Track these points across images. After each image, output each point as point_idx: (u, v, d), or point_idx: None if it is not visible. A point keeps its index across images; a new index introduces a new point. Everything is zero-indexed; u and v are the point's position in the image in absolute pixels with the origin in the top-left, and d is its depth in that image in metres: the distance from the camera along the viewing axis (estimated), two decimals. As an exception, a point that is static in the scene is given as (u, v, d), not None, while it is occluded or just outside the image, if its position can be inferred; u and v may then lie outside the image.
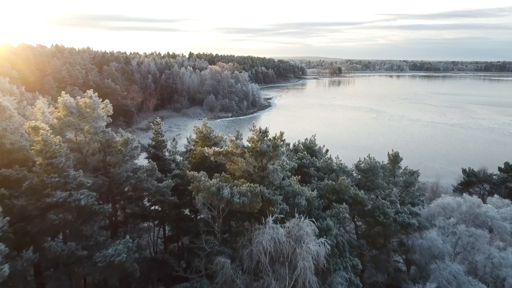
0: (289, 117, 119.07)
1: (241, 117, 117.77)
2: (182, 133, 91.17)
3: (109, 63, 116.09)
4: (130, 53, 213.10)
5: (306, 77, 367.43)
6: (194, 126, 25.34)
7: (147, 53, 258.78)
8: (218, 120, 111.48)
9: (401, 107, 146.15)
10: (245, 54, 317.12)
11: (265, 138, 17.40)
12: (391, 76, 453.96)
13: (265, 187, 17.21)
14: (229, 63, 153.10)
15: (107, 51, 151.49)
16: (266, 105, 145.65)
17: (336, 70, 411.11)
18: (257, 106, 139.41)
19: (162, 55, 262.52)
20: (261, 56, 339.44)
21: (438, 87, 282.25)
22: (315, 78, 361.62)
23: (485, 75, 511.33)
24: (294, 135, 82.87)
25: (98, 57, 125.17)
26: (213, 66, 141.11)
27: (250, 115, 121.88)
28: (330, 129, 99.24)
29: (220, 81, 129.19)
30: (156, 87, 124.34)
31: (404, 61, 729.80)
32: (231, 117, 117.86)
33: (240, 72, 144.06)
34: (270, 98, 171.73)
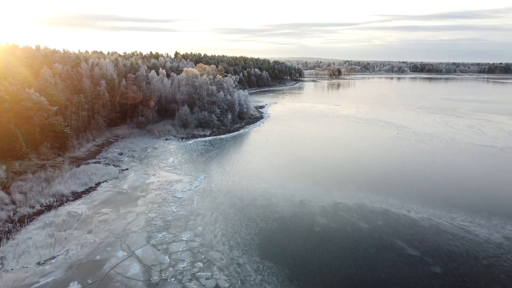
0: (285, 135, 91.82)
1: (222, 136, 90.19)
2: (132, 167, 63.47)
3: (52, 65, 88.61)
4: (97, 51, 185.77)
5: (304, 79, 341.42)
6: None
7: (129, 52, 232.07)
8: (191, 141, 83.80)
9: (422, 120, 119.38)
10: (240, 55, 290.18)
11: None
12: (391, 78, 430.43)
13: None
14: (212, 65, 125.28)
15: (61, 49, 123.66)
16: (256, 117, 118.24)
17: (336, 71, 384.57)
18: (246, 118, 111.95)
19: (143, 54, 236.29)
20: (257, 56, 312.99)
21: (447, 90, 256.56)
22: (313, 81, 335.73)
23: (489, 77, 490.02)
24: (294, 179, 54.51)
25: (39, 58, 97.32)
26: (190, 68, 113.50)
27: (234, 133, 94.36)
28: (343, 156, 71.91)
29: (197, 88, 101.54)
30: (114, 96, 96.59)
31: (403, 62, 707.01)
32: (210, 135, 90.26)
33: (225, 76, 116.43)
34: (263, 107, 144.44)
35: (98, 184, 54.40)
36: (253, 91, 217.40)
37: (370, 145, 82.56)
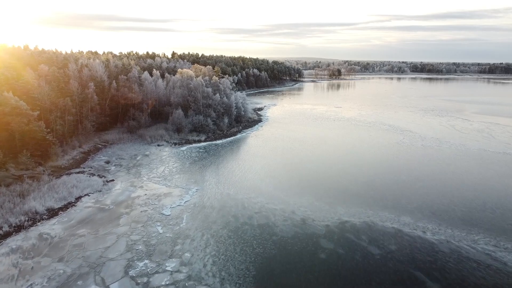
0: (285, 140, 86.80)
1: (218, 141, 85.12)
2: (118, 178, 58.31)
3: (37, 67, 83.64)
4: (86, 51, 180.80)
5: (303, 79, 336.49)
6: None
7: (125, 52, 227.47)
8: (184, 148, 78.70)
9: (428, 123, 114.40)
10: (238, 55, 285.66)
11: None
12: (391, 78, 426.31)
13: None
14: (208, 66, 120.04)
15: (54, 50, 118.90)
16: (255, 120, 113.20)
17: (335, 72, 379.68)
18: (243, 122, 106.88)
19: (139, 54, 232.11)
20: (257, 56, 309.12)
21: (449, 91, 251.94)
22: (312, 81, 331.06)
23: (489, 77, 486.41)
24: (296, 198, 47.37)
25: (25, 58, 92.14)
26: (185, 69, 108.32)
27: (231, 138, 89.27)
28: (347, 164, 66.61)
29: (192, 91, 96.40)
30: (104, 99, 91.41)
31: (403, 62, 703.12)
32: (205, 140, 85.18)
33: (222, 77, 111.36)
34: (261, 109, 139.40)
35: (78, 198, 49.25)
36: (252, 92, 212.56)
37: (375, 151, 77.53)
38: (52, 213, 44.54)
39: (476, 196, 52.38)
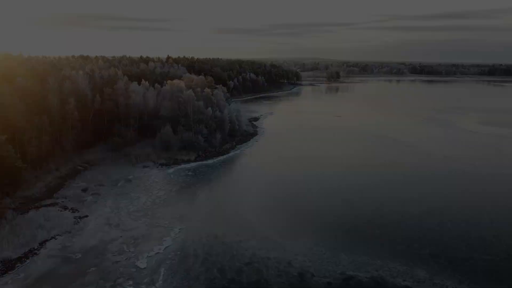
0: (282, 160, 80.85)
1: (209, 161, 78.79)
2: (93, 212, 51.88)
3: (13, 80, 77.09)
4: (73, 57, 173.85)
5: (301, 82, 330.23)
6: None
7: (118, 56, 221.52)
8: (171, 170, 72.31)
9: (433, 136, 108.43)
10: (238, 55, 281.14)
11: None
12: (390, 81, 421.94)
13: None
14: (200, 76, 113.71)
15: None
16: (250, 133, 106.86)
17: (334, 75, 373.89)
18: (237, 136, 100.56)
19: (133, 59, 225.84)
20: (255, 57, 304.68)
21: (452, 95, 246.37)
22: (311, 85, 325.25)
23: (490, 79, 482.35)
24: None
25: (1, 70, 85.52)
26: (175, 80, 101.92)
27: (224, 156, 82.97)
28: (348, 193, 60.12)
29: (182, 105, 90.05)
30: (87, 115, 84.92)
31: (402, 63, 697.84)
32: (195, 160, 78.84)
33: (215, 88, 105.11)
34: (258, 118, 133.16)
35: (42, 243, 42.84)
36: (249, 97, 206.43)
37: (379, 175, 71.39)
38: (8, 266, 38.12)
39: (497, 238, 46.24)
